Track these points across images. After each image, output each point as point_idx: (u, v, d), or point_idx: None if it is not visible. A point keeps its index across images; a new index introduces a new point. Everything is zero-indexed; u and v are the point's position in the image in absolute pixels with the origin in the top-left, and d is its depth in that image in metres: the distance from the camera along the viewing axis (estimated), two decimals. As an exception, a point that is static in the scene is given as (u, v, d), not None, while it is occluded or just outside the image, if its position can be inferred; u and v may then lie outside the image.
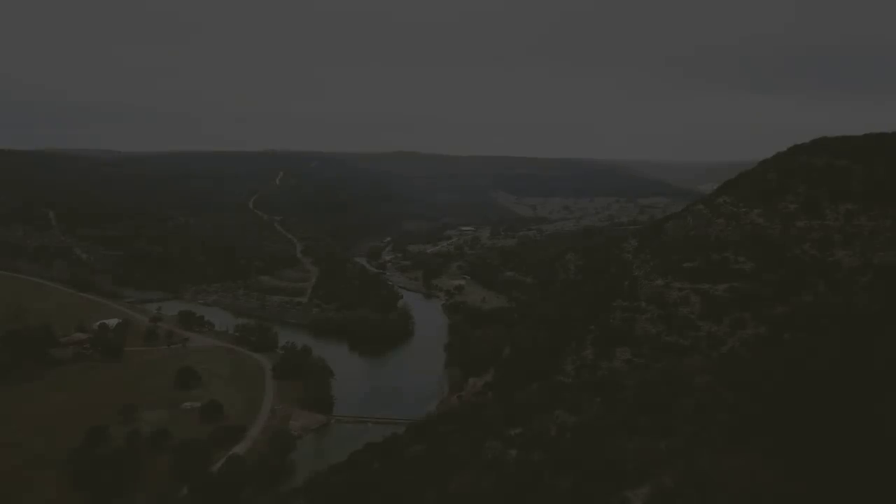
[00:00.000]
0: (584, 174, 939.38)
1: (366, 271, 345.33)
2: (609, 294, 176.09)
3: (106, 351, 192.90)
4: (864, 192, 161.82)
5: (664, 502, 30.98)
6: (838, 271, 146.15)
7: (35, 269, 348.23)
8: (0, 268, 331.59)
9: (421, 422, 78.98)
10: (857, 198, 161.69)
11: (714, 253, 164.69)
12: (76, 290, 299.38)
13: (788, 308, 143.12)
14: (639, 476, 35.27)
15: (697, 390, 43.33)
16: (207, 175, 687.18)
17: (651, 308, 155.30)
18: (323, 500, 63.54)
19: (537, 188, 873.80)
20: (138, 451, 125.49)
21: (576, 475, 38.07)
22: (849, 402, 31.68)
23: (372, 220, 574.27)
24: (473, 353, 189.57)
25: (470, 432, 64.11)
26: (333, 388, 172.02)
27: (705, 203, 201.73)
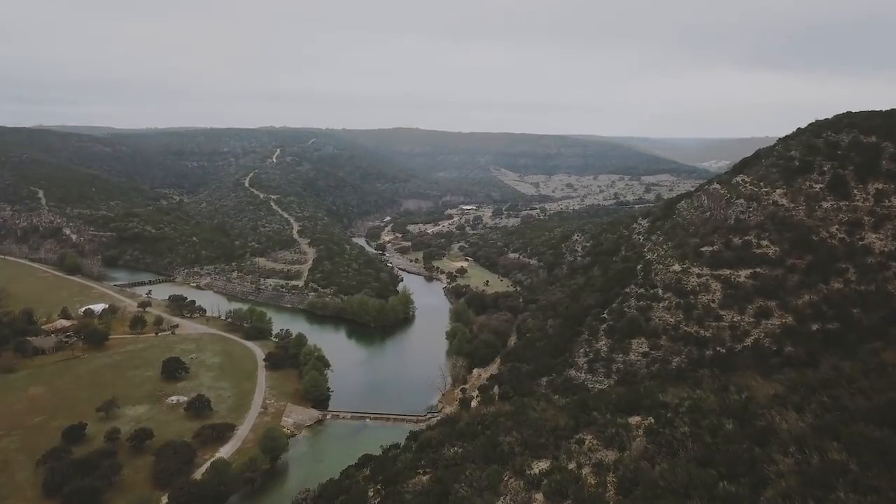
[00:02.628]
0: (587, 151, 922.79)
1: (365, 253, 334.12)
2: (621, 279, 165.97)
3: (90, 339, 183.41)
4: (894, 171, 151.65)
5: None
6: (869, 256, 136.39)
7: (22, 251, 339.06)
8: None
9: (424, 438, 69.10)
10: (888, 177, 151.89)
11: (735, 236, 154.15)
12: (64, 273, 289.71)
13: (816, 296, 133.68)
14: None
15: (789, 441, 32.76)
16: (202, 153, 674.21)
17: (668, 296, 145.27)
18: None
19: (540, 166, 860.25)
20: (118, 452, 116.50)
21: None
22: None
23: (371, 199, 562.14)
24: (477, 342, 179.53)
25: (482, 462, 54.23)
26: (330, 380, 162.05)
27: (721, 182, 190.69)
